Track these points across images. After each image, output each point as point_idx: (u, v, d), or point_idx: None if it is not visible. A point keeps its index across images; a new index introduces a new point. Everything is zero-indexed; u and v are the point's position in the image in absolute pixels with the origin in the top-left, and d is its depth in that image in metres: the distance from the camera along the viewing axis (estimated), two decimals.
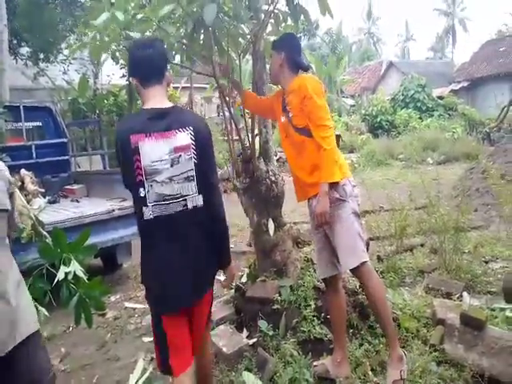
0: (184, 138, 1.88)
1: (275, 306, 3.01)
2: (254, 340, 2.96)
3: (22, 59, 13.63)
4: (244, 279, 3.51)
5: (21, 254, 3.84)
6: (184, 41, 3.06)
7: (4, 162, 4.58)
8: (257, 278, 3.30)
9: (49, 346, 3.50)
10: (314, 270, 3.23)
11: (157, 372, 2.82)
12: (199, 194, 1.93)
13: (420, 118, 18.54)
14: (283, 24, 3.17)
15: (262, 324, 2.96)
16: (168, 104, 1.96)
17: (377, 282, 2.56)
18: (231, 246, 6.12)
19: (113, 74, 14.46)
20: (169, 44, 3.14)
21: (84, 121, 11.62)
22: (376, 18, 52.11)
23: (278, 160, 13.83)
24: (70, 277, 2.94)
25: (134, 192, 1.88)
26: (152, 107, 1.91)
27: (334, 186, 2.50)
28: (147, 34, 3.18)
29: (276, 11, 3.04)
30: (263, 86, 3.32)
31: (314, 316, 2.96)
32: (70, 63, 13.77)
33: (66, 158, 6.05)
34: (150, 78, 1.93)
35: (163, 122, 1.87)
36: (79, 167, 6.25)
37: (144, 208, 1.85)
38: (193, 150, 1.90)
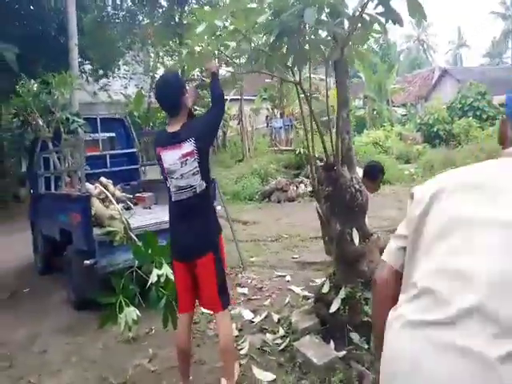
0: (188, 146, 2.52)
1: (365, 318, 2.92)
2: (344, 352, 2.87)
3: (84, 76, 14.33)
4: (325, 290, 3.43)
5: (112, 256, 4.03)
6: (266, 49, 3.07)
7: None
8: (340, 289, 3.22)
9: (135, 346, 3.61)
10: None
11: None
12: (202, 180, 2.59)
13: (480, 127, 17.73)
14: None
15: (354, 336, 2.87)
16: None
17: None
18: (295, 256, 5.93)
19: None
20: (253, 52, 3.17)
21: (150, 131, 12.08)
22: (426, 25, 50.87)
23: None
24: (162, 279, 3.00)
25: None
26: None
27: None
28: (233, 44, 3.22)
29: (364, 15, 2.99)
30: (346, 92, 3.28)
31: None
32: (131, 78, 14.32)
33: (137, 166, 6.24)
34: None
35: (175, 138, 2.54)
36: (145, 176, 6.44)
37: (171, 193, 2.62)
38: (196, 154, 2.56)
